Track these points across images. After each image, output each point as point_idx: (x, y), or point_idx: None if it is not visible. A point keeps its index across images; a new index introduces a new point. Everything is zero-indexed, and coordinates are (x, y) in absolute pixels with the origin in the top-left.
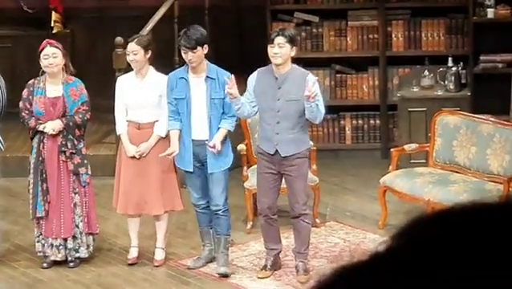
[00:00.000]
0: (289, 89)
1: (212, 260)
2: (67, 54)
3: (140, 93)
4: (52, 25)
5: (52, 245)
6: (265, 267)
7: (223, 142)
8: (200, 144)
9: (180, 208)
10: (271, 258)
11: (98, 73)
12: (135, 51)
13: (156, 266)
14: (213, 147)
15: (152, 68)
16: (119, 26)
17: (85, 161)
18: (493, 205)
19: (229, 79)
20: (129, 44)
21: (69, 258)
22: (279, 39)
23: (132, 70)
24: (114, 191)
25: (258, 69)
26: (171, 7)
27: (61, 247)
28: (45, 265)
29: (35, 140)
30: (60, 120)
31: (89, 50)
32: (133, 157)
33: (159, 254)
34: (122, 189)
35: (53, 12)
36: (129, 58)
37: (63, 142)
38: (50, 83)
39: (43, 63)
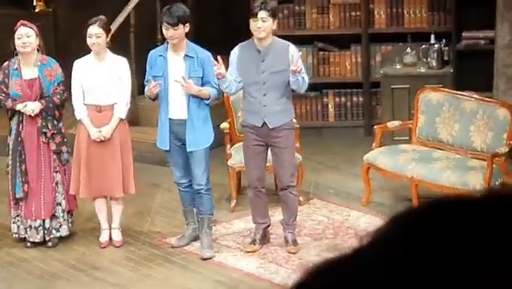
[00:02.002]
0: (273, 61)
1: (196, 238)
2: (41, 35)
3: (99, 75)
4: (35, 4)
5: (31, 226)
6: (253, 242)
7: (203, 121)
8: (179, 124)
9: (132, 191)
10: (260, 232)
11: (80, 51)
12: (98, 34)
13: (117, 247)
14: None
15: (108, 51)
16: (102, 4)
17: (65, 140)
18: (481, 196)
19: (217, 60)
20: (91, 27)
21: (47, 238)
22: (262, 13)
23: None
24: (73, 177)
25: (239, 44)
26: None
27: (40, 228)
28: (29, 244)
29: (14, 120)
30: (39, 101)
31: (72, 28)
32: (95, 140)
33: (117, 235)
34: (83, 173)
35: None
36: (91, 41)
37: (43, 123)
38: (24, 65)
39: (17, 42)
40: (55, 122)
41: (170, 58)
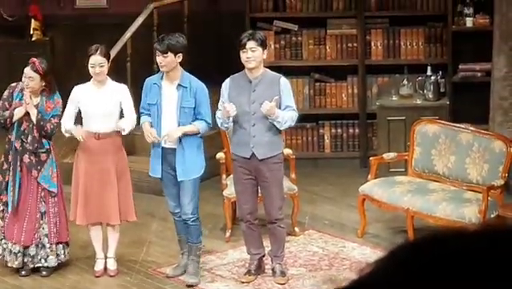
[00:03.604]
0: (263, 92)
1: None
2: (49, 76)
3: (99, 102)
4: (31, 32)
5: (11, 251)
6: (249, 272)
7: (194, 151)
8: (172, 153)
9: (132, 218)
10: (254, 263)
11: (77, 80)
12: (101, 63)
13: (112, 276)
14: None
15: (109, 78)
16: (98, 33)
17: (54, 170)
18: (478, 229)
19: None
20: (93, 57)
21: (31, 266)
22: (251, 44)
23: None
24: (72, 203)
25: (231, 76)
26: (150, 15)
27: (19, 254)
28: (23, 273)
29: (13, 135)
30: (36, 115)
31: (68, 57)
32: (92, 167)
33: (112, 265)
34: (80, 200)
35: (32, 20)
36: (95, 70)
37: (29, 147)
38: (26, 94)
39: (23, 79)
40: (42, 141)
41: (164, 86)
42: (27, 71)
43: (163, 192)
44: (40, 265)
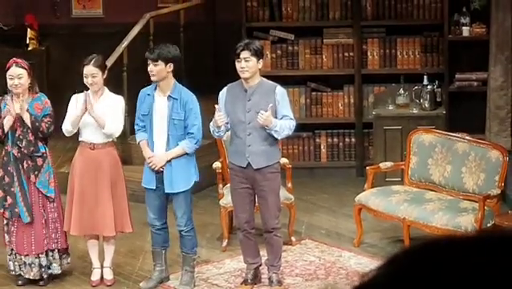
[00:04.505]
0: (258, 101)
1: (163, 280)
2: (33, 73)
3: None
4: (28, 42)
5: (25, 263)
6: (245, 281)
7: (183, 164)
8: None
9: (129, 230)
10: (251, 272)
11: (73, 90)
12: (94, 74)
13: (109, 286)
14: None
15: (106, 89)
16: (94, 42)
17: (50, 174)
18: (474, 237)
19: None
20: (86, 67)
21: (44, 276)
22: (245, 54)
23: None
24: (66, 213)
25: (228, 85)
26: (146, 24)
27: (33, 265)
28: (20, 282)
29: (9, 143)
30: (30, 118)
31: (64, 67)
32: (86, 177)
33: (108, 274)
34: (75, 211)
35: (28, 29)
36: (88, 81)
37: (25, 151)
38: (16, 101)
39: (9, 82)
40: (38, 144)
41: (157, 97)
42: (14, 70)
43: None
44: (45, 274)
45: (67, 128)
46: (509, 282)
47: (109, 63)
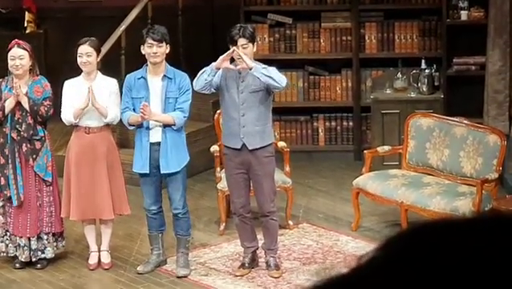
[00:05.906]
0: (251, 81)
1: (160, 264)
2: (34, 55)
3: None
4: (26, 25)
5: (19, 245)
6: (243, 265)
7: (177, 144)
8: (156, 150)
9: (127, 212)
10: (248, 256)
11: (71, 73)
12: (89, 53)
13: (106, 269)
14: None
15: (99, 72)
16: (92, 26)
17: (49, 158)
18: (470, 219)
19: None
20: (81, 46)
21: (33, 259)
22: (242, 41)
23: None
24: (63, 199)
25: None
26: (144, 8)
27: (25, 248)
28: (17, 265)
29: (7, 126)
30: (28, 101)
31: (62, 50)
32: (83, 161)
33: (106, 258)
34: (73, 195)
35: (26, 12)
36: (82, 60)
37: (24, 134)
38: (17, 83)
39: (10, 63)
40: (37, 128)
41: (151, 79)
42: (16, 50)
43: None
44: (39, 257)
45: (70, 119)
46: (506, 264)
47: (107, 46)
